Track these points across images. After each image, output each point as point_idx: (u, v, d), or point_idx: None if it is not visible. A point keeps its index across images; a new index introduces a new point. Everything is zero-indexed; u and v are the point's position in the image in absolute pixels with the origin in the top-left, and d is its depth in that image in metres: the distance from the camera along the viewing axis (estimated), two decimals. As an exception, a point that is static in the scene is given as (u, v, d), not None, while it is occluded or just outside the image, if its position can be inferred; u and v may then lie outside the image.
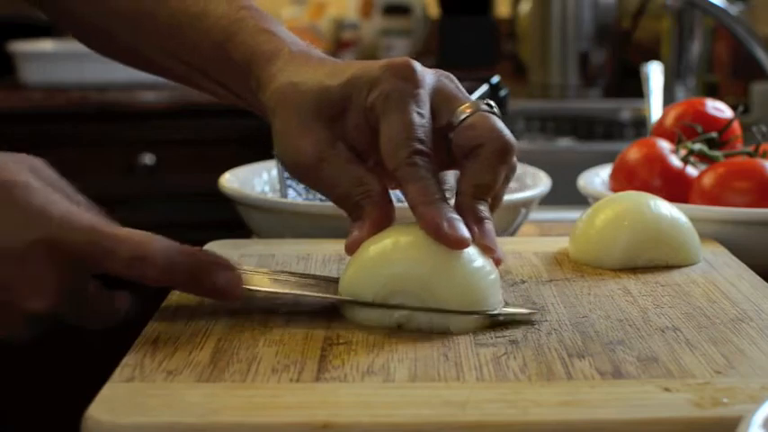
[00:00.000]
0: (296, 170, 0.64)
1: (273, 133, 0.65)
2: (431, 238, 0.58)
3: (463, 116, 0.62)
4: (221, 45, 0.69)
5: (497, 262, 0.61)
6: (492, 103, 0.63)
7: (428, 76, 0.63)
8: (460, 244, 0.58)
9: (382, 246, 0.59)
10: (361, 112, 0.62)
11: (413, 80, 0.62)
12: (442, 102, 0.63)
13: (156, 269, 0.55)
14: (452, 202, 0.62)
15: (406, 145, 0.60)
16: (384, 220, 0.61)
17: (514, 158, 0.62)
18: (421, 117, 0.61)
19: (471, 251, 0.59)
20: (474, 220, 0.60)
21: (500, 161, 0.61)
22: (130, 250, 0.55)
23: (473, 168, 0.61)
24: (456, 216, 0.59)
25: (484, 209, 0.61)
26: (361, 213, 0.61)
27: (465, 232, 0.58)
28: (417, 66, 0.63)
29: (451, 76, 0.65)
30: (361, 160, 0.63)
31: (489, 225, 0.61)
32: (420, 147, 0.60)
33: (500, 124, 0.62)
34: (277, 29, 0.69)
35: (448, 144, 0.63)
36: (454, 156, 0.63)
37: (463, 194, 0.61)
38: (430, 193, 0.59)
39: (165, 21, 0.72)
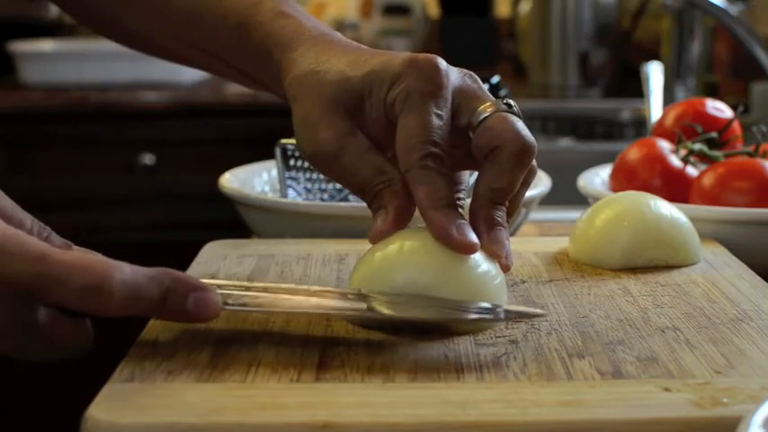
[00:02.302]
0: (315, 159, 0.63)
1: (294, 121, 0.64)
2: (435, 244, 0.58)
3: (483, 116, 0.61)
4: (239, 29, 0.69)
5: (505, 268, 0.60)
6: (512, 102, 0.61)
7: (452, 74, 0.62)
8: (468, 249, 0.57)
9: (387, 252, 0.59)
10: (380, 105, 0.62)
11: (436, 80, 0.61)
12: (463, 101, 0.62)
13: (114, 300, 0.49)
14: (468, 202, 0.61)
15: (420, 147, 0.59)
16: (406, 209, 0.60)
17: (534, 161, 0.61)
18: (439, 119, 0.60)
19: (477, 256, 0.58)
20: (485, 225, 0.60)
21: (517, 164, 0.60)
22: (84, 280, 0.49)
23: (490, 171, 0.60)
24: (464, 221, 0.58)
25: (499, 214, 0.60)
26: (382, 203, 0.61)
27: (473, 237, 0.58)
28: (442, 64, 0.61)
29: (475, 75, 0.63)
30: (380, 150, 0.62)
31: (500, 230, 0.60)
32: (434, 150, 0.59)
33: (519, 125, 0.60)
34: (296, 11, 0.68)
35: (468, 144, 0.62)
36: (474, 157, 0.62)
37: (479, 198, 0.60)
38: (439, 196, 0.58)
39: (179, 7, 0.72)
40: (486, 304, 0.57)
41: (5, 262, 0.48)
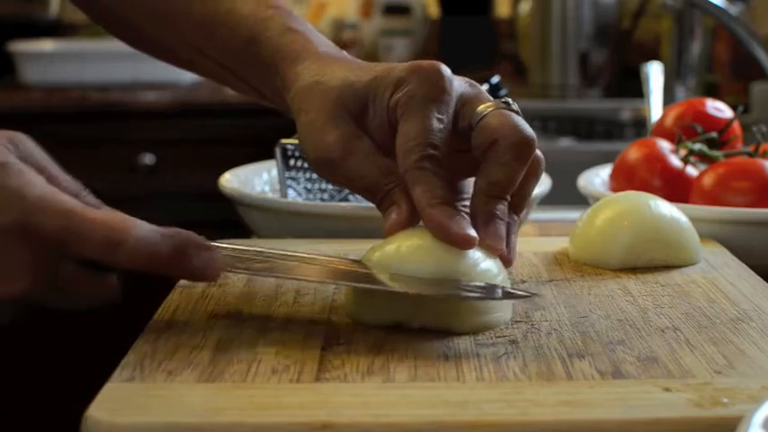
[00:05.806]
0: (322, 165, 0.64)
1: (298, 130, 0.65)
2: (435, 242, 0.58)
3: (481, 115, 0.61)
4: (248, 43, 0.69)
5: (507, 263, 0.60)
6: (510, 100, 0.62)
7: (455, 81, 0.62)
8: (466, 242, 0.57)
9: (387, 250, 0.59)
10: (383, 110, 0.62)
11: (439, 85, 0.61)
12: (464, 105, 0.62)
13: (131, 255, 0.53)
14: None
15: (419, 150, 0.59)
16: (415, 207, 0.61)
17: (536, 153, 0.61)
18: (440, 123, 0.60)
19: (478, 254, 0.58)
20: (483, 219, 0.60)
21: (515, 157, 0.60)
22: (105, 235, 0.53)
23: (488, 166, 0.60)
24: (462, 216, 0.59)
25: (499, 207, 0.60)
26: (393, 200, 0.61)
27: (471, 231, 0.58)
28: (446, 70, 0.62)
29: (475, 83, 0.64)
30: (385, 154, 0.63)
31: (498, 224, 0.60)
32: (432, 152, 0.59)
33: (516, 119, 0.60)
34: (305, 29, 0.69)
35: (470, 148, 0.62)
36: (474, 157, 0.62)
37: (477, 194, 0.61)
38: (436, 195, 0.58)
39: (196, 17, 0.72)
40: (481, 283, 0.57)
41: (39, 216, 0.52)
